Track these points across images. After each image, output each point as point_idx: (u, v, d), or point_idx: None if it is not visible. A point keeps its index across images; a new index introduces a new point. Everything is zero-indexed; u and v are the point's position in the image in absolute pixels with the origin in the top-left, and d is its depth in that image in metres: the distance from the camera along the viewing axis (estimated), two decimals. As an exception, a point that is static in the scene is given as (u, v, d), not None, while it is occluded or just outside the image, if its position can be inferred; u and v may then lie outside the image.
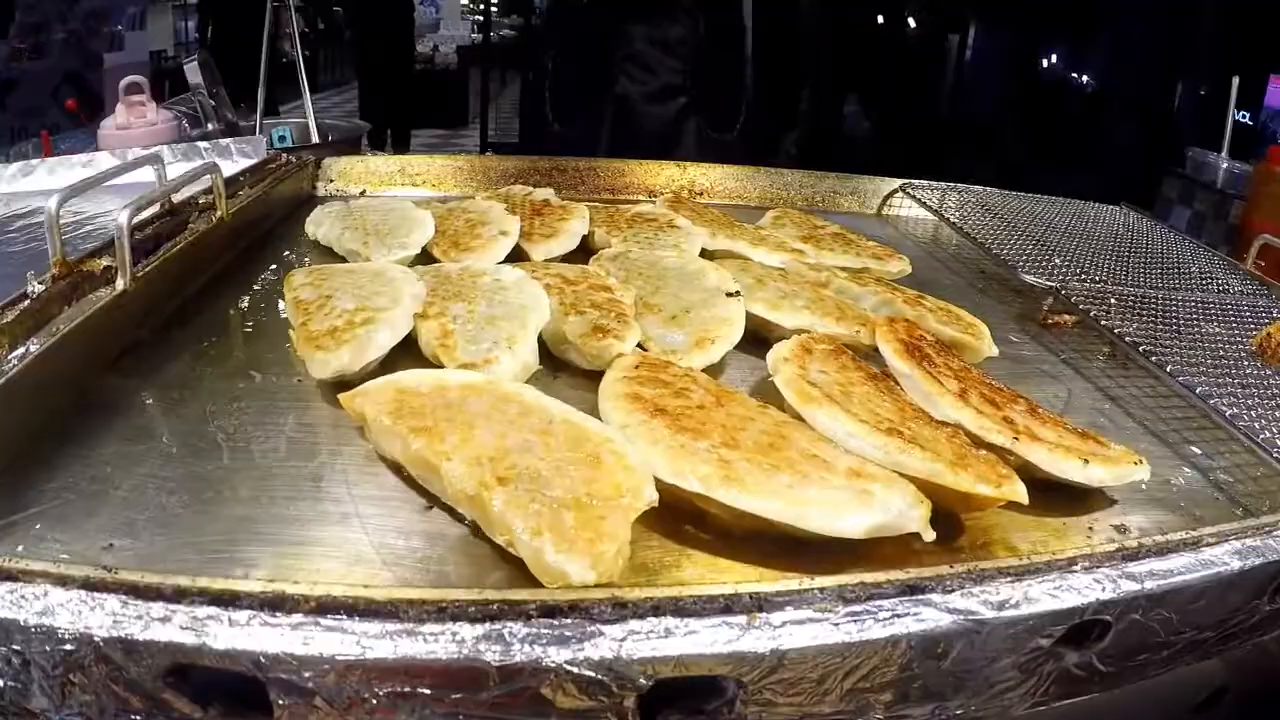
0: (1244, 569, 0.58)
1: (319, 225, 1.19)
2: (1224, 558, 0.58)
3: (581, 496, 0.55)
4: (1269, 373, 1.02)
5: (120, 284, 0.83)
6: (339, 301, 0.83)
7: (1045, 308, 1.11)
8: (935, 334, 0.89)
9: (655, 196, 1.35)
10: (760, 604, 0.48)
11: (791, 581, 0.50)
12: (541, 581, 0.51)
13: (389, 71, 4.94)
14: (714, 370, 0.87)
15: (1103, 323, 0.96)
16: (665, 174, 1.45)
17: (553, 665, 0.43)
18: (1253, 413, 0.86)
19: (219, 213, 1.08)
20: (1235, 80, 1.77)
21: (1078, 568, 0.54)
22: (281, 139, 2.18)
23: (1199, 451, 0.83)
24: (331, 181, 1.57)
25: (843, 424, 0.67)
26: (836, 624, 0.48)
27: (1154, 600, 0.55)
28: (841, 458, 0.63)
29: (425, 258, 1.09)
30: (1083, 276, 1.12)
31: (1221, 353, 1.04)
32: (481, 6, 5.25)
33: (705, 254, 1.11)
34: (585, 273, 0.99)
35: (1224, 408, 0.84)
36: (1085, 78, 3.27)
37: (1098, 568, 0.54)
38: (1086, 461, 0.68)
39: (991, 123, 3.06)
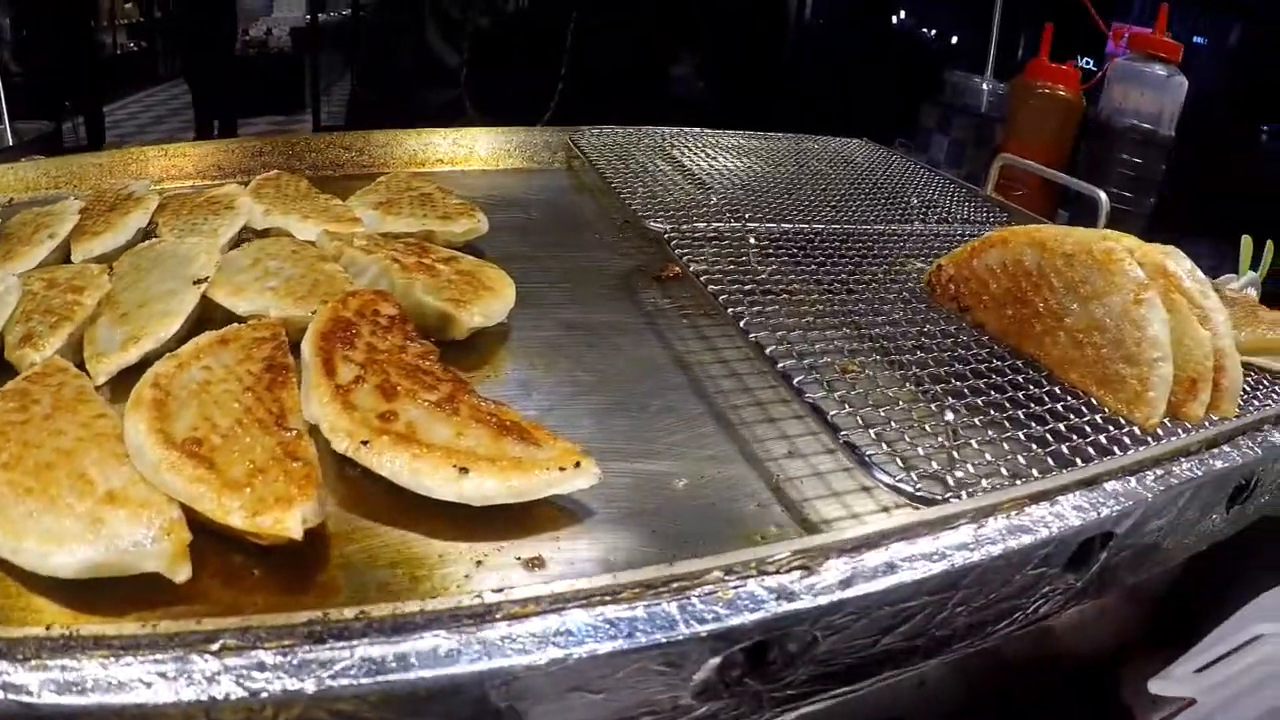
0: (600, 654, 0.36)
1: (-92, 245, 1.03)
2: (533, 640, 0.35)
3: None
4: (934, 315, 0.81)
5: None
6: None
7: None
8: (418, 307, 0.67)
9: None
10: None
11: None
12: None
13: (209, 60, 4.66)
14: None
15: (693, 269, 0.74)
16: (318, 146, 1.20)
17: None
18: (848, 376, 0.66)
19: None
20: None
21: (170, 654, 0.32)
22: (-23, 148, 1.91)
23: (762, 435, 0.63)
24: (-23, 193, 1.31)
25: (137, 434, 0.52)
26: None
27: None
28: (118, 476, 0.50)
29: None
30: (729, 218, 0.91)
31: (879, 295, 0.82)
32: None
33: (260, 233, 0.92)
34: (80, 273, 0.83)
35: (795, 373, 0.62)
36: (934, 31, 3.08)
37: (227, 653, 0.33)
38: (464, 471, 0.47)
39: (836, 77, 2.85)
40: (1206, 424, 0.63)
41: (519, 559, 0.48)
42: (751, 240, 0.86)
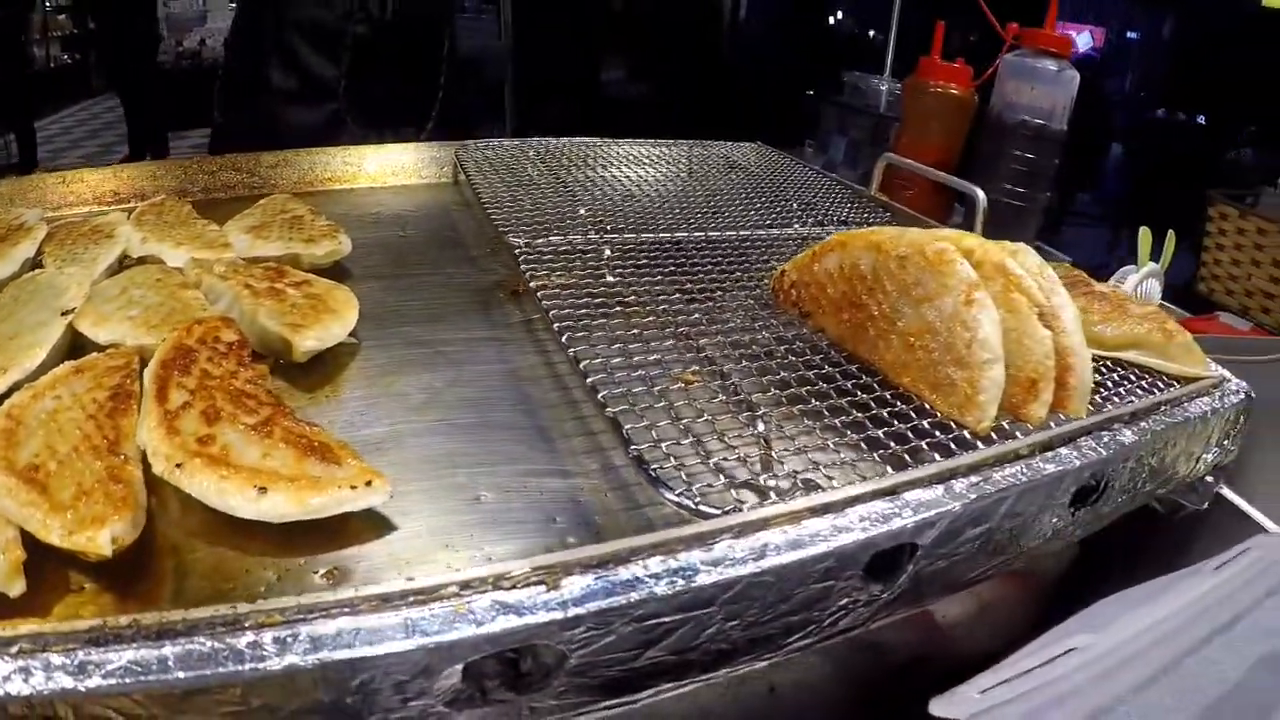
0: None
1: None
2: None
3: None
4: (774, 322, 0.85)
5: None
6: None
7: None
8: (262, 332, 0.75)
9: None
10: None
11: None
12: None
13: (134, 72, 4.66)
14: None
15: (533, 284, 0.81)
16: (210, 168, 1.25)
17: None
18: (657, 389, 0.67)
19: None
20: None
21: None
22: None
23: (579, 449, 0.67)
24: None
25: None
26: None
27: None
28: None
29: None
30: (589, 230, 0.97)
31: (722, 303, 0.88)
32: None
33: (140, 261, 0.96)
34: (-50, 307, 0.89)
35: (602, 387, 0.65)
36: (871, 31, 3.15)
37: None
38: (263, 491, 0.54)
39: (769, 78, 2.92)
40: (1052, 425, 0.64)
41: (317, 573, 0.54)
42: (607, 252, 0.93)
